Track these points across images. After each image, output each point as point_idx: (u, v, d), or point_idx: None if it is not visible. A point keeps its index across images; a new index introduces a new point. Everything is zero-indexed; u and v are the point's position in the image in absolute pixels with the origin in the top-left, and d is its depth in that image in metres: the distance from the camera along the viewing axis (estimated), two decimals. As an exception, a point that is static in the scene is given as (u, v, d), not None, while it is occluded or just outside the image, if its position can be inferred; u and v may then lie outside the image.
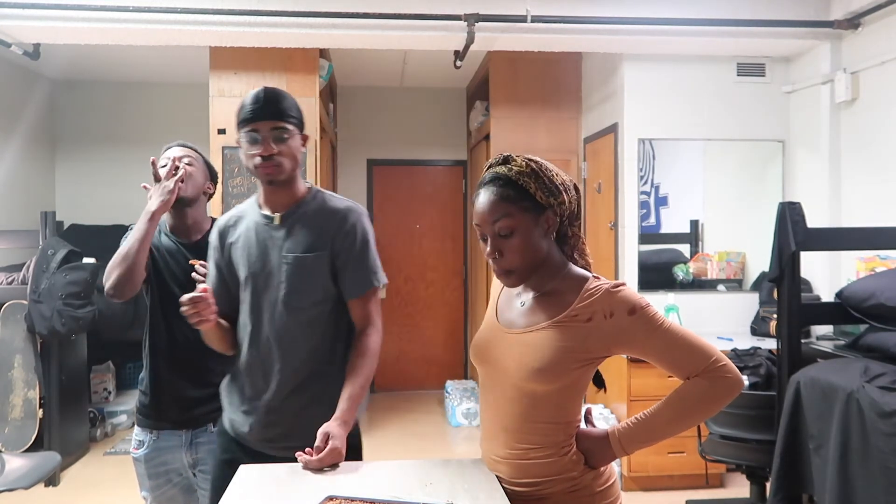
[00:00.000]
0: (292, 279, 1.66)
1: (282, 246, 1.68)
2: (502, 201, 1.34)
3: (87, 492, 3.75)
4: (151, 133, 5.70)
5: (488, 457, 1.47)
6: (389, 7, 3.57)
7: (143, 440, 2.01)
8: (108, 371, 4.98)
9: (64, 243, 3.90)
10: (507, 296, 1.50)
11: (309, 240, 1.68)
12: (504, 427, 1.41)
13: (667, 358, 1.34)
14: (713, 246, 4.32)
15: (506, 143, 4.67)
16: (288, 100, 1.67)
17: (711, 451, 2.99)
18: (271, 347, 1.68)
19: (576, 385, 1.38)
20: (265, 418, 1.70)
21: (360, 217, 1.73)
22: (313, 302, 1.68)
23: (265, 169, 1.64)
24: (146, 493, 2.03)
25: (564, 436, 1.38)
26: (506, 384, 1.40)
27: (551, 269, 1.41)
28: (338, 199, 1.76)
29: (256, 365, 1.70)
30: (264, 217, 1.71)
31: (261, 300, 1.69)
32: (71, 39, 3.69)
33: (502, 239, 1.35)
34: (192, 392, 1.98)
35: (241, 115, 1.64)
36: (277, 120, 1.63)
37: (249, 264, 1.70)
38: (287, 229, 1.69)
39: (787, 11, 3.76)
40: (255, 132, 1.62)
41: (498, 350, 1.42)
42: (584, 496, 1.38)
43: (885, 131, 3.49)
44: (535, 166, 1.37)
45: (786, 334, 2.53)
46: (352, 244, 1.70)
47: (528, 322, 1.40)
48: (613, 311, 1.31)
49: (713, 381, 1.32)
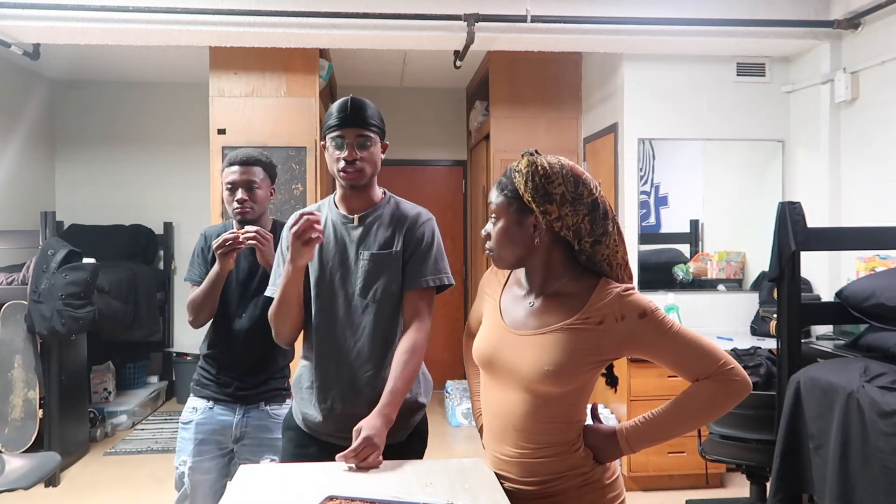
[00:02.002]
0: (367, 275, 1.76)
1: (359, 243, 1.78)
2: (496, 189, 1.45)
3: (87, 492, 3.75)
4: (151, 133, 5.72)
5: (495, 457, 1.47)
6: (389, 7, 3.57)
7: (198, 407, 2.18)
8: (108, 371, 4.98)
9: (64, 243, 3.90)
10: (511, 297, 1.51)
11: (383, 239, 1.78)
12: (513, 427, 1.42)
13: (676, 360, 1.37)
14: (713, 246, 4.32)
15: (506, 143, 4.68)
16: (371, 109, 1.78)
17: (711, 451, 2.99)
18: (346, 340, 1.76)
19: (586, 386, 1.41)
20: (339, 410, 1.75)
21: (431, 221, 1.86)
22: (386, 297, 1.76)
23: (348, 174, 1.74)
24: (186, 458, 2.15)
25: (575, 434, 1.41)
26: (516, 385, 1.41)
27: (553, 271, 1.43)
28: (410, 204, 1.88)
29: (330, 357, 1.77)
30: (343, 216, 1.81)
31: (336, 294, 1.78)
32: (71, 39, 3.69)
33: (493, 224, 1.45)
34: (246, 375, 2.16)
35: (329, 121, 1.75)
36: (361, 128, 1.74)
37: (328, 259, 1.79)
38: (364, 229, 1.79)
39: (786, 11, 3.76)
40: (340, 138, 1.73)
41: (507, 351, 1.43)
42: (595, 490, 1.41)
43: (885, 131, 3.49)
44: (539, 170, 1.37)
45: (786, 334, 2.53)
46: (419, 243, 1.80)
47: (538, 324, 1.41)
48: (625, 315, 1.34)
49: (722, 383, 1.34)
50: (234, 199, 2.13)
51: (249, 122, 4.18)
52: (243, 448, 2.16)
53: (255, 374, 2.16)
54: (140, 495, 3.66)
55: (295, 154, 4.15)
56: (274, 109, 4.19)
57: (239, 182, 2.12)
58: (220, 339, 2.18)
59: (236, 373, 2.16)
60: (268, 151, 2.37)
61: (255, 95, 4.20)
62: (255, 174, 2.15)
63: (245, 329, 2.14)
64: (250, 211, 2.13)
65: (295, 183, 4.16)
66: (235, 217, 2.15)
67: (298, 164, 4.15)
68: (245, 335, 2.14)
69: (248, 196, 2.13)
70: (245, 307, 2.15)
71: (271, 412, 2.17)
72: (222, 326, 2.17)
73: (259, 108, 4.21)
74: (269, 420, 2.16)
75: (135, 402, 5.04)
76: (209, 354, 2.21)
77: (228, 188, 2.14)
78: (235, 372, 2.16)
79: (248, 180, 2.13)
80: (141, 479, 3.86)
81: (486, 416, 1.52)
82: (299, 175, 4.16)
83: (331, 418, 1.76)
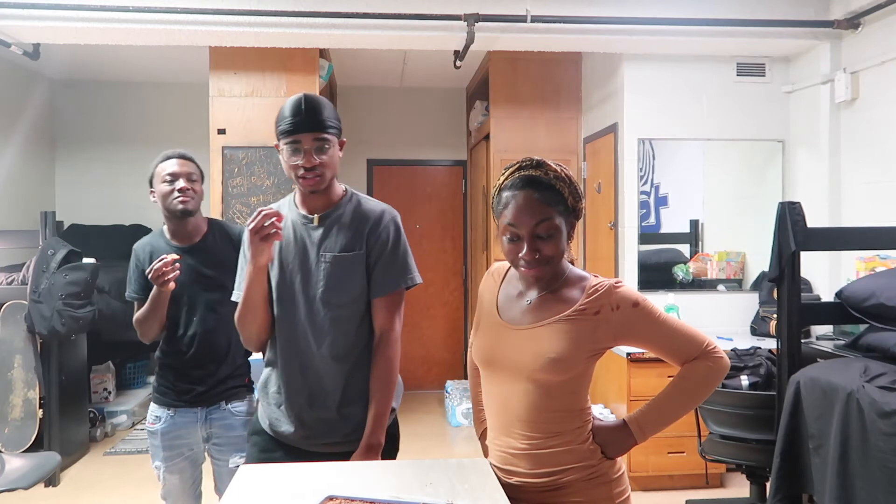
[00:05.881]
0: (330, 277, 1.70)
1: (320, 245, 1.72)
2: (544, 204, 1.41)
3: (87, 492, 3.75)
4: (151, 133, 5.71)
5: (502, 452, 1.50)
6: (389, 7, 3.57)
7: (160, 416, 2.19)
8: (108, 371, 4.98)
9: (64, 243, 3.89)
10: (507, 296, 1.55)
11: (346, 240, 1.72)
12: (519, 419, 1.45)
13: (667, 346, 1.47)
14: (713, 246, 4.32)
15: (506, 142, 4.68)
16: (328, 108, 1.69)
17: (711, 450, 2.99)
18: (310, 345, 1.71)
19: (585, 374, 1.46)
20: (304, 415, 1.72)
21: (395, 218, 1.78)
22: (350, 300, 1.72)
23: (307, 181, 1.67)
24: (159, 463, 2.20)
25: (580, 422, 1.46)
26: (519, 377, 1.45)
27: (560, 268, 1.49)
28: (373, 201, 1.81)
29: (294, 362, 1.73)
30: (303, 217, 1.75)
31: (297, 298, 1.72)
32: (71, 39, 3.69)
33: (540, 240, 1.41)
34: (204, 377, 2.16)
35: (283, 125, 1.66)
36: (319, 131, 1.66)
37: (288, 262, 1.73)
38: (325, 229, 1.73)
39: (786, 11, 3.76)
40: (296, 143, 1.65)
41: (507, 347, 1.47)
42: (602, 483, 1.45)
43: (885, 131, 3.49)
44: (566, 173, 1.46)
45: (786, 334, 2.53)
46: (384, 245, 1.74)
47: (536, 318, 1.46)
48: (619, 305, 1.42)
49: (710, 362, 1.46)
50: (174, 189, 2.11)
51: (249, 122, 4.18)
52: (213, 447, 2.20)
53: (211, 376, 2.16)
54: (140, 495, 3.66)
55: (295, 154, 4.15)
56: (274, 109, 4.11)
57: (180, 173, 2.13)
58: (172, 347, 2.17)
59: (192, 378, 2.16)
60: (267, 151, 2.39)
61: (255, 95, 4.20)
62: (193, 168, 2.17)
63: (194, 334, 2.14)
64: (191, 200, 2.13)
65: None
66: (177, 207, 2.11)
67: (298, 164, 4.15)
68: (195, 340, 2.14)
69: (189, 185, 2.12)
70: (193, 313, 2.14)
71: (233, 410, 2.18)
72: (172, 334, 2.16)
73: (259, 108, 4.21)
74: (233, 418, 2.18)
75: (135, 402, 5.04)
76: (164, 363, 2.20)
77: (168, 180, 2.12)
78: (190, 377, 2.16)
79: (188, 172, 2.15)
80: (141, 479, 3.85)
81: (491, 413, 1.54)
82: (299, 175, 4.16)
83: (300, 426, 1.72)
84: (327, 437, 1.72)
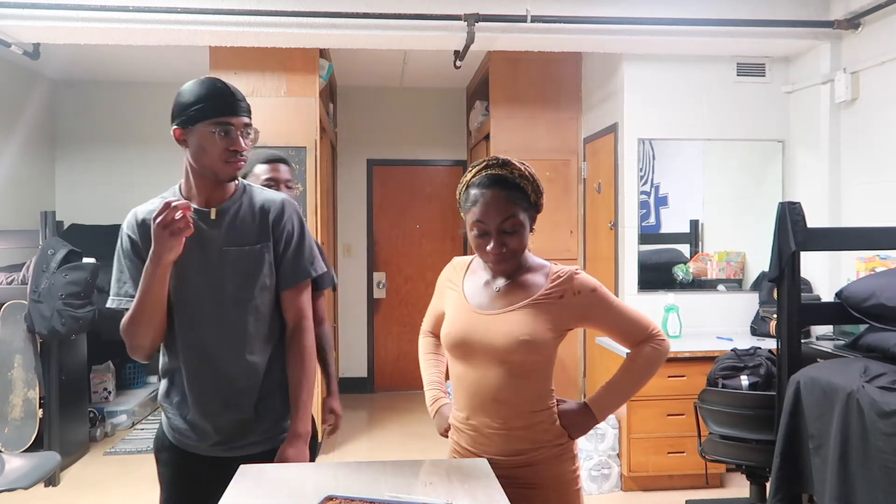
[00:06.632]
0: (237, 273, 1.63)
1: (221, 240, 1.63)
2: (510, 202, 1.54)
3: (87, 492, 3.75)
4: (151, 133, 5.69)
5: (474, 433, 1.60)
6: (389, 7, 3.57)
7: None
8: (108, 371, 4.97)
9: (64, 243, 3.90)
10: (474, 285, 1.66)
11: (248, 233, 1.65)
12: (494, 398, 1.57)
13: (619, 328, 1.63)
14: (713, 246, 4.31)
15: (506, 142, 4.67)
16: None
17: (711, 451, 2.99)
18: (220, 345, 1.63)
19: (552, 356, 1.60)
20: (220, 420, 1.64)
21: (296, 208, 1.73)
22: (260, 294, 1.65)
23: (237, 164, 1.59)
24: None
25: (549, 402, 1.61)
26: (492, 360, 1.55)
27: (523, 259, 1.62)
28: (266, 191, 1.74)
29: (203, 366, 1.63)
30: (198, 211, 1.62)
31: (202, 297, 1.62)
32: (71, 39, 3.69)
33: (506, 235, 1.54)
34: None
35: (214, 105, 1.55)
36: (247, 116, 1.61)
37: (187, 259, 1.59)
38: (227, 223, 1.64)
39: (787, 11, 3.76)
40: (229, 125, 1.56)
41: (479, 331, 1.57)
42: (566, 460, 1.62)
43: (885, 131, 3.49)
44: (529, 171, 1.58)
45: (786, 334, 2.53)
46: (290, 235, 1.68)
47: (505, 303, 1.59)
48: (580, 290, 1.58)
49: (654, 345, 1.63)
50: None
51: (249, 122, 4.17)
52: None
53: None
54: (140, 495, 3.66)
55: (295, 154, 4.15)
56: (274, 109, 4.19)
57: None
58: None
59: None
60: (267, 151, 2.41)
61: (254, 95, 4.20)
62: None
63: None
64: None
65: (294, 183, 4.16)
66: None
67: (298, 163, 4.14)
68: None
69: None
70: None
71: None
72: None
73: (259, 108, 4.15)
74: None
75: (135, 401, 5.04)
76: None
77: None
78: None
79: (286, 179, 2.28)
80: (141, 479, 3.85)
81: (463, 396, 1.63)
82: (299, 175, 4.16)
83: (215, 432, 1.64)
84: (245, 438, 1.66)
